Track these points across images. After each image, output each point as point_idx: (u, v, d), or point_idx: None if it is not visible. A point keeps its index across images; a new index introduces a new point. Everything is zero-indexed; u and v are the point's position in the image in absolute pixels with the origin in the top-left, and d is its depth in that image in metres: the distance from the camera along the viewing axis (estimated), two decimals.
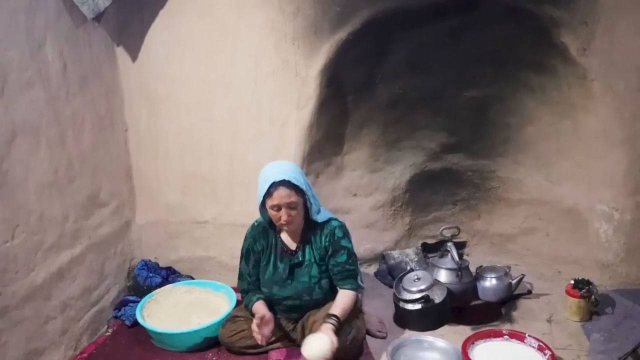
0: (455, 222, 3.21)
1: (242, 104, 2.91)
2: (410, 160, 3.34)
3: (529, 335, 2.36)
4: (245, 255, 2.51)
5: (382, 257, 3.30)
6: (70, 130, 2.52)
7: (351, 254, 2.40)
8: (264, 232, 2.48)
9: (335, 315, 2.22)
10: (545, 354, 2.26)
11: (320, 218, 2.38)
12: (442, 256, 2.85)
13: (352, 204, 3.24)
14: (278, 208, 2.26)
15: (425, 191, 3.42)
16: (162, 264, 3.17)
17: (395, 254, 3.27)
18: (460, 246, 3.22)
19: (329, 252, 2.39)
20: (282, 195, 2.23)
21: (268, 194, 2.24)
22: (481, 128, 3.28)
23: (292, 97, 2.85)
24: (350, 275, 2.38)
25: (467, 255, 3.35)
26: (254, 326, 2.31)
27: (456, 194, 3.48)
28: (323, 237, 2.40)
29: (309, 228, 2.41)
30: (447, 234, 2.86)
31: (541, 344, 2.30)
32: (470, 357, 2.25)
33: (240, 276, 2.54)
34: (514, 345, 2.37)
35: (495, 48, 2.97)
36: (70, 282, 2.53)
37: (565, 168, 3.10)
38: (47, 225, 2.35)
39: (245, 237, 2.52)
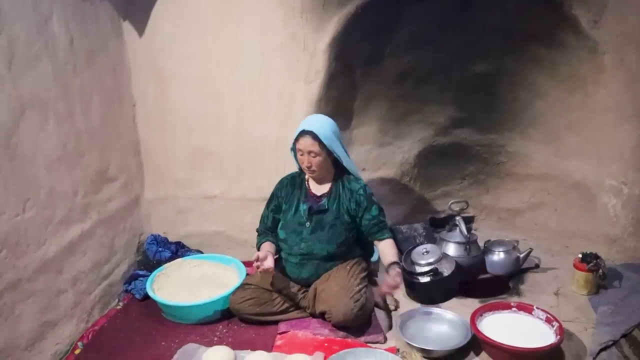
0: (463, 197, 3.21)
1: (249, 79, 2.90)
2: (418, 134, 3.33)
3: (537, 308, 2.37)
4: (269, 199, 2.70)
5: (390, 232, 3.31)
6: (78, 104, 2.52)
7: (381, 208, 2.59)
8: (292, 180, 2.68)
9: (396, 262, 2.47)
10: (552, 326, 2.27)
11: (350, 168, 2.60)
12: (450, 230, 2.85)
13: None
14: (302, 153, 2.49)
15: (434, 166, 3.42)
16: (171, 238, 3.19)
17: (404, 228, 3.28)
18: (468, 221, 3.23)
19: (361, 208, 2.55)
20: (305, 143, 2.46)
21: (296, 139, 2.49)
22: (490, 103, 3.26)
23: (300, 71, 2.83)
24: (385, 227, 2.57)
25: (475, 230, 3.35)
26: (254, 265, 2.42)
27: (464, 168, 3.48)
28: (348, 192, 2.57)
29: (339, 181, 2.60)
30: (456, 208, 2.86)
31: (549, 315, 2.31)
32: (479, 328, 2.26)
33: (260, 220, 2.72)
34: (521, 317, 2.38)
35: (504, 21, 2.93)
36: (81, 256, 2.56)
37: (574, 143, 3.09)
38: (57, 199, 2.36)
39: (275, 184, 2.71)
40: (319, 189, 2.61)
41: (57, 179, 2.37)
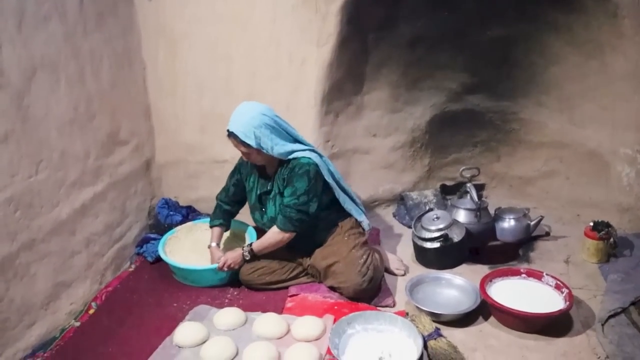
0: (474, 164, 3.19)
1: (260, 42, 2.86)
2: (430, 100, 3.29)
3: (547, 274, 2.38)
4: (232, 171, 2.70)
5: (400, 198, 3.31)
6: (88, 67, 2.51)
7: (299, 193, 2.39)
8: None
9: (250, 245, 2.52)
10: (562, 292, 2.28)
11: (284, 155, 2.42)
12: (461, 197, 2.85)
13: (372, 145, 3.22)
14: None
15: (445, 132, 3.39)
16: (182, 202, 3.21)
17: (414, 195, 3.28)
18: (479, 188, 3.22)
19: (286, 183, 2.45)
20: (232, 143, 2.42)
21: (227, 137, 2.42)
22: (504, 68, 3.20)
23: (312, 34, 2.78)
24: (285, 214, 2.41)
25: (486, 197, 3.33)
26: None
27: (476, 135, 3.44)
28: (286, 170, 2.45)
29: (283, 161, 2.47)
30: (467, 174, 2.85)
31: (558, 282, 2.32)
32: (488, 293, 2.27)
33: (222, 188, 2.74)
34: (531, 283, 2.39)
35: None
36: (94, 219, 2.58)
37: (589, 110, 3.04)
38: (69, 161, 2.38)
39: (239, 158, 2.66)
40: (268, 172, 2.56)
41: (68, 142, 2.37)
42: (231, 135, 2.38)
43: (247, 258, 2.52)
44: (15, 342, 2.08)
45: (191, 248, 2.79)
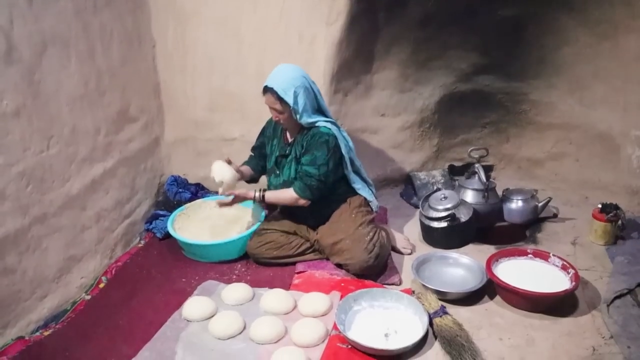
0: (483, 145, 3.18)
1: (270, 20, 2.85)
2: (440, 80, 3.27)
3: (553, 255, 2.38)
4: (260, 133, 2.74)
5: (408, 178, 3.31)
6: (98, 43, 2.51)
7: (319, 163, 2.41)
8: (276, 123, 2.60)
9: (264, 190, 2.54)
10: (568, 273, 2.28)
11: (307, 122, 2.45)
12: (469, 177, 2.84)
13: (380, 124, 3.22)
14: (269, 107, 2.44)
15: (454, 113, 3.38)
16: (191, 180, 3.23)
17: (422, 175, 3.28)
18: (487, 170, 3.21)
19: (304, 151, 2.47)
20: (268, 100, 2.42)
21: (263, 93, 2.43)
22: (515, 49, 3.18)
23: (322, 12, 2.77)
24: (305, 182, 2.43)
25: (494, 179, 3.33)
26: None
27: (486, 116, 3.43)
28: (306, 137, 2.47)
29: (304, 128, 2.49)
30: (475, 155, 2.84)
31: (565, 263, 2.32)
32: (494, 273, 2.28)
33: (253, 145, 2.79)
34: (537, 263, 2.39)
35: None
36: (104, 194, 2.61)
37: (601, 92, 3.02)
38: (80, 137, 2.39)
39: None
40: (289, 136, 2.59)
41: (79, 118, 2.39)
42: (269, 91, 2.37)
43: (256, 197, 2.53)
44: (28, 313, 2.13)
45: (200, 225, 2.81)
